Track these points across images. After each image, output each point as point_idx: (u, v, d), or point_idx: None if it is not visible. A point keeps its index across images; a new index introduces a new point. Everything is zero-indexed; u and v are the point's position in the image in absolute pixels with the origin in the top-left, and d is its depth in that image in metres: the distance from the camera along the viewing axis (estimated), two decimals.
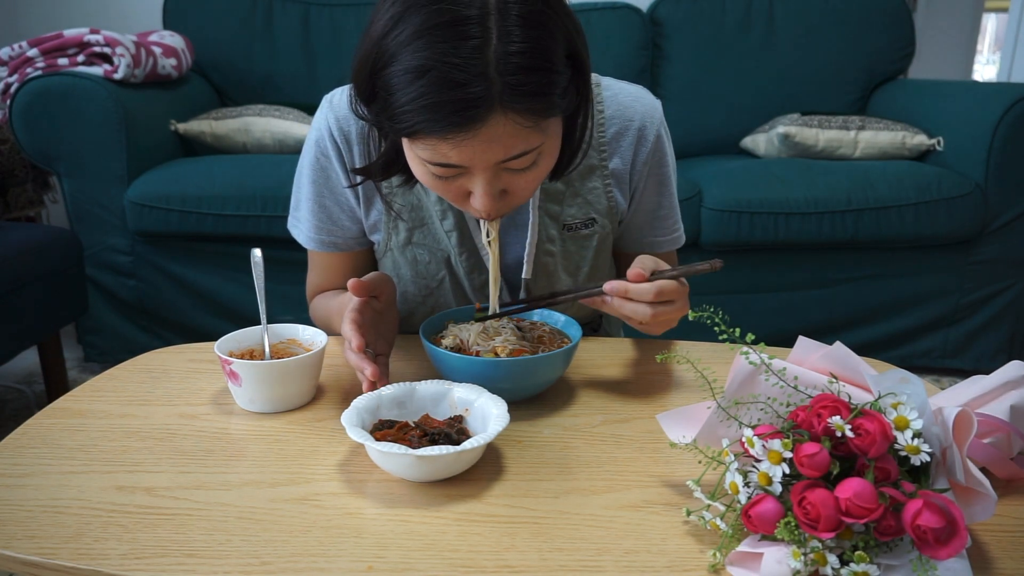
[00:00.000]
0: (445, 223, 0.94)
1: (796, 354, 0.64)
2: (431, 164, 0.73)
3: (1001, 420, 0.64)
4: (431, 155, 0.72)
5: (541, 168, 0.77)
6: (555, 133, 0.76)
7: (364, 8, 2.42)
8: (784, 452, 0.55)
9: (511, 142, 0.70)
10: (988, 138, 1.94)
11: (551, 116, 0.73)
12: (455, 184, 0.76)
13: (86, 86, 1.88)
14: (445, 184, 0.76)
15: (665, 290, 0.76)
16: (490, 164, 0.72)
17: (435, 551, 0.59)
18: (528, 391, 0.82)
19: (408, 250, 0.96)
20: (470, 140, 0.69)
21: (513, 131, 0.69)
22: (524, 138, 0.71)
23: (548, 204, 0.94)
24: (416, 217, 0.95)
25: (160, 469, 0.70)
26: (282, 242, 1.95)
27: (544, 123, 0.72)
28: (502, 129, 0.69)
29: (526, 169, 0.75)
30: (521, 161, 0.73)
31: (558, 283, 0.98)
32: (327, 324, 1.00)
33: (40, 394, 2.01)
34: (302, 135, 2.14)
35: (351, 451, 0.73)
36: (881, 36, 2.47)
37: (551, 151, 0.77)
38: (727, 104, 2.47)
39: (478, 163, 0.72)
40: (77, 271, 1.83)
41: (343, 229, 0.98)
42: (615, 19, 2.43)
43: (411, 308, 1.01)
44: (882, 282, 2.06)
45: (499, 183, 0.75)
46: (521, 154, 0.72)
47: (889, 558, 0.54)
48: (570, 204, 0.95)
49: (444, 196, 0.80)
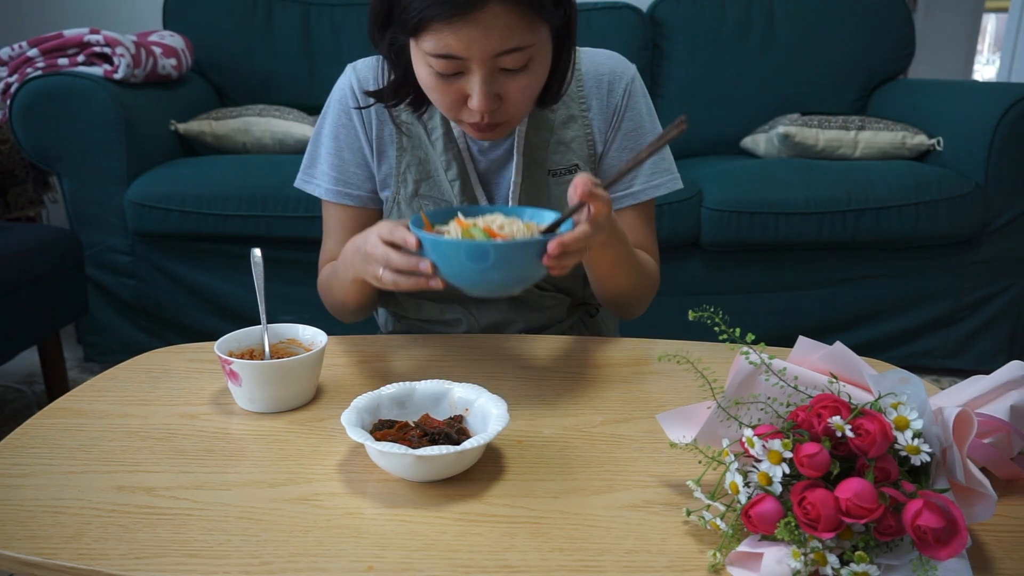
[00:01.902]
0: (449, 173, 1.00)
1: (796, 354, 0.64)
2: (434, 58, 0.81)
3: (1001, 420, 0.64)
4: (435, 46, 0.80)
5: (532, 75, 0.85)
6: (545, 44, 0.85)
7: (364, 8, 2.41)
8: (784, 452, 0.55)
9: (506, 33, 0.79)
10: (988, 138, 1.94)
11: (542, 17, 0.82)
12: (454, 86, 0.84)
13: (86, 86, 1.88)
14: (445, 86, 0.84)
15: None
16: (488, 54, 0.80)
17: (435, 551, 0.59)
18: (510, 281, 0.78)
19: (415, 202, 1.02)
20: (470, 26, 0.78)
21: (509, 22, 0.79)
22: (519, 32, 0.80)
23: (533, 152, 1.00)
24: (423, 170, 1.01)
25: (160, 469, 0.70)
26: (282, 242, 1.96)
27: (536, 24, 0.82)
28: (499, 19, 0.78)
29: (519, 72, 0.83)
30: (515, 58, 0.82)
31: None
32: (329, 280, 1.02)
33: (40, 394, 2.01)
34: (302, 135, 2.14)
35: (351, 451, 0.73)
36: (881, 36, 2.47)
37: (542, 60, 0.85)
38: (727, 104, 2.47)
39: (476, 51, 0.80)
40: (77, 271, 1.83)
41: (359, 181, 1.04)
42: (615, 19, 2.43)
43: None
44: (882, 282, 2.06)
45: (495, 84, 0.83)
46: (515, 48, 0.81)
47: (889, 558, 0.54)
48: (554, 152, 1.01)
49: (443, 104, 0.86)
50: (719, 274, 2.05)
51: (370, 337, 1.01)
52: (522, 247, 0.74)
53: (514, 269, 0.76)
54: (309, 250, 1.91)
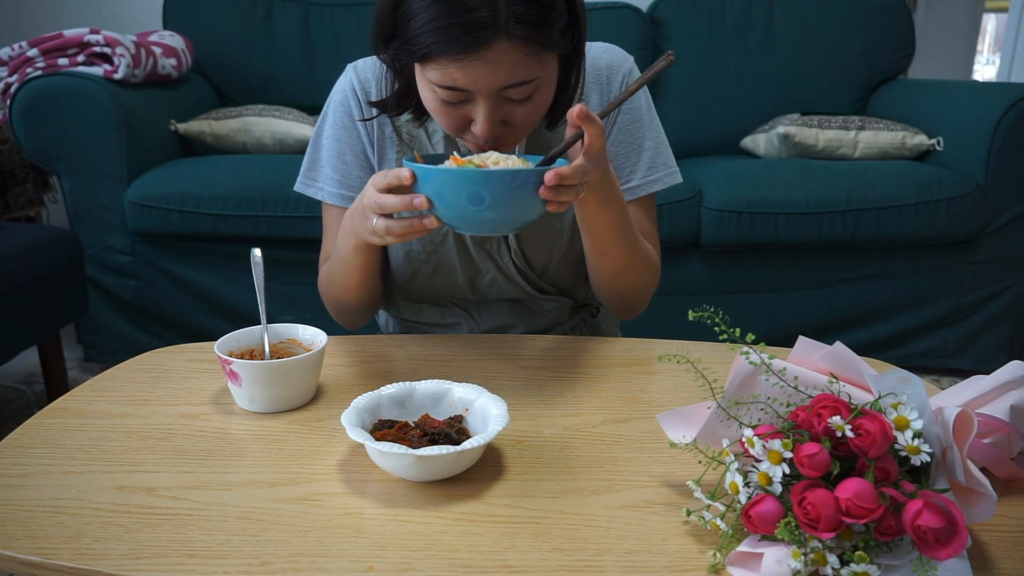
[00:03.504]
0: None
1: (796, 354, 0.64)
2: (439, 88, 0.81)
3: (1001, 420, 0.64)
4: (440, 78, 0.79)
5: (537, 103, 0.84)
6: (552, 71, 0.84)
7: (364, 8, 2.42)
8: (784, 452, 0.55)
9: (513, 69, 0.78)
10: (988, 138, 1.94)
11: (550, 50, 0.81)
12: (459, 112, 0.83)
13: (86, 86, 1.88)
14: (450, 111, 0.83)
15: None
16: (493, 89, 0.79)
17: (435, 551, 0.59)
18: (507, 216, 0.77)
19: None
20: (476, 63, 0.77)
21: (515, 58, 0.78)
22: (525, 67, 0.79)
23: (533, 151, 0.98)
24: None
25: (160, 469, 0.70)
26: (282, 242, 1.96)
27: (543, 56, 0.80)
28: (505, 55, 0.77)
29: (524, 101, 0.83)
30: (520, 91, 0.81)
31: (546, 224, 1.01)
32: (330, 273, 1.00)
33: (40, 394, 2.01)
34: (302, 135, 2.14)
35: (351, 451, 0.73)
36: (881, 36, 2.47)
37: (547, 87, 0.84)
38: (727, 104, 2.47)
39: (482, 86, 0.79)
40: (77, 271, 1.83)
41: (362, 184, 1.02)
42: (615, 19, 2.43)
43: (416, 267, 1.03)
44: (882, 282, 2.06)
45: (499, 112, 0.83)
46: (521, 83, 0.80)
47: (889, 558, 0.54)
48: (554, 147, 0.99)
49: (447, 125, 0.86)
50: (719, 274, 2.05)
51: (370, 337, 1.01)
52: (518, 176, 0.73)
53: (510, 201, 0.74)
54: (309, 250, 1.92)
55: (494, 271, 1.03)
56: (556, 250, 1.02)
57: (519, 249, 1.01)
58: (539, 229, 1.01)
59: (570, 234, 1.02)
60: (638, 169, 1.02)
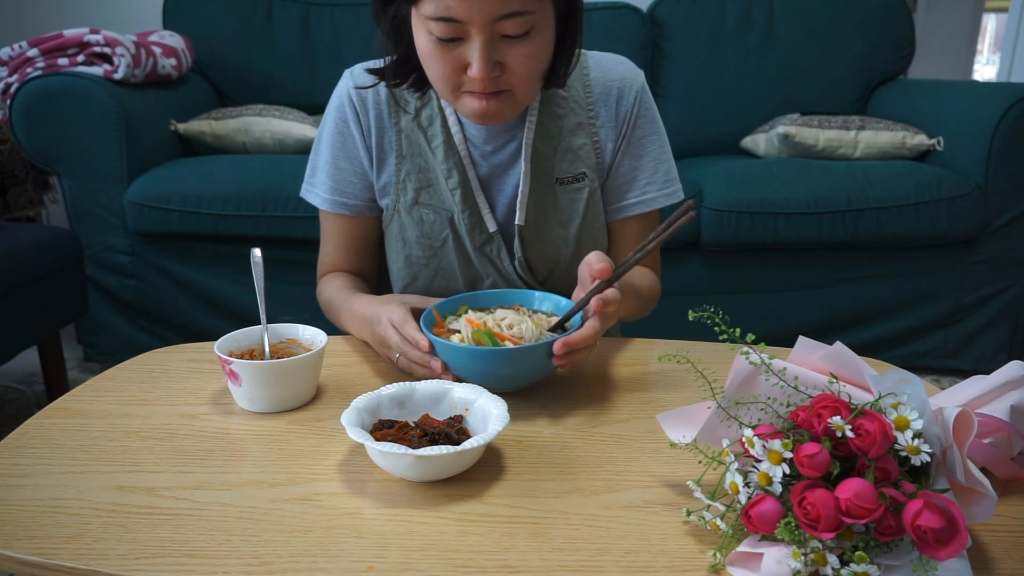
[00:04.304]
0: (450, 181, 0.99)
1: (796, 354, 0.64)
2: (434, 21, 0.81)
3: (1001, 420, 0.64)
4: (435, 9, 0.80)
5: (534, 45, 0.84)
6: (548, 17, 0.85)
7: (364, 8, 2.42)
8: (784, 452, 0.55)
9: None
10: (988, 138, 1.94)
11: None
12: (454, 54, 0.84)
13: (86, 86, 1.88)
14: (445, 54, 0.84)
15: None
16: (488, 17, 0.80)
17: (435, 551, 0.59)
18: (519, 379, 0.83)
19: (415, 211, 1.01)
20: None
21: None
22: None
23: (540, 160, 0.99)
24: (423, 178, 1.01)
25: (160, 469, 0.70)
26: (282, 242, 1.96)
27: None
28: None
29: (520, 40, 0.83)
30: (515, 24, 0.81)
31: (551, 233, 1.01)
32: (331, 310, 1.04)
33: (40, 394, 2.01)
34: (302, 135, 2.14)
35: (351, 451, 0.73)
36: (881, 36, 2.47)
37: (543, 32, 0.85)
38: (727, 104, 2.47)
39: (476, 14, 0.80)
40: (77, 271, 1.83)
41: (356, 191, 1.03)
42: (615, 19, 2.43)
43: (415, 271, 1.04)
44: (882, 282, 2.06)
45: (495, 51, 0.83)
46: (515, 13, 0.80)
47: (889, 558, 0.54)
48: (561, 159, 1.00)
49: (443, 75, 0.86)
50: (719, 274, 2.05)
51: None
52: (530, 352, 0.79)
53: (522, 369, 0.81)
54: (309, 250, 1.91)
55: (495, 276, 1.03)
56: (560, 260, 1.02)
57: (523, 257, 1.01)
58: (543, 238, 1.01)
59: (575, 244, 1.02)
60: (650, 184, 1.03)
